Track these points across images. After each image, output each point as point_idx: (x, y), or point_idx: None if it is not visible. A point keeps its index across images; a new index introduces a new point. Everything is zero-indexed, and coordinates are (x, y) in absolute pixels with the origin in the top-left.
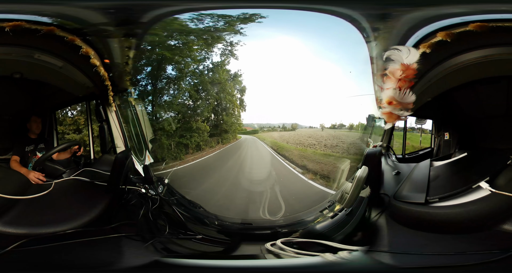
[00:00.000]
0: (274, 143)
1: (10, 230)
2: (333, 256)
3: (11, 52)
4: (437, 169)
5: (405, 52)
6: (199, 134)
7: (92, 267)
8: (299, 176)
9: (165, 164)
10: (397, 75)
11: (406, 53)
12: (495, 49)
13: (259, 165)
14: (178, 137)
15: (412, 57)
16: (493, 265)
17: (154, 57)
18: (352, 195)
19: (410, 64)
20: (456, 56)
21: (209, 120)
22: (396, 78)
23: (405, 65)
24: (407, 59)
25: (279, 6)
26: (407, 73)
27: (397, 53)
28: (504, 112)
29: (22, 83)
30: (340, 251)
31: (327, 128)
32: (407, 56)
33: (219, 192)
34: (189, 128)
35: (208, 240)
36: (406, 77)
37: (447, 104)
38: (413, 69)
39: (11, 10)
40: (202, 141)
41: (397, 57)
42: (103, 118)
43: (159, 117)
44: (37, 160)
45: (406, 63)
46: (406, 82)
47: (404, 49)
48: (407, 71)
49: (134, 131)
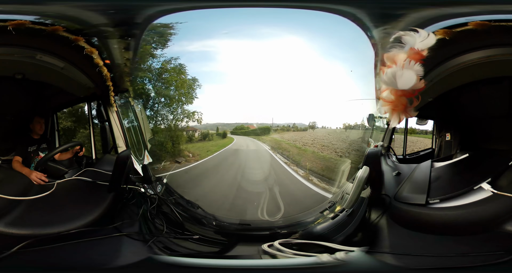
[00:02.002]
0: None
1: (14, 231)
2: (332, 257)
3: (14, 52)
4: (438, 170)
5: (423, 35)
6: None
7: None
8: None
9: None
10: (401, 59)
11: (423, 37)
12: (498, 50)
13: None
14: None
15: (428, 41)
16: (495, 267)
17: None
18: (353, 195)
19: (421, 49)
20: (458, 56)
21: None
22: (398, 63)
23: (414, 49)
24: (421, 43)
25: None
26: (413, 58)
27: (412, 35)
28: (506, 112)
29: (24, 83)
30: (339, 252)
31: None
32: (422, 40)
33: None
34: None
35: (205, 240)
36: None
37: (449, 104)
38: (421, 54)
39: (12, 11)
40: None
41: (410, 39)
42: (105, 119)
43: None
44: (39, 160)
45: (418, 47)
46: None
47: (422, 32)
48: (414, 56)
49: (134, 131)
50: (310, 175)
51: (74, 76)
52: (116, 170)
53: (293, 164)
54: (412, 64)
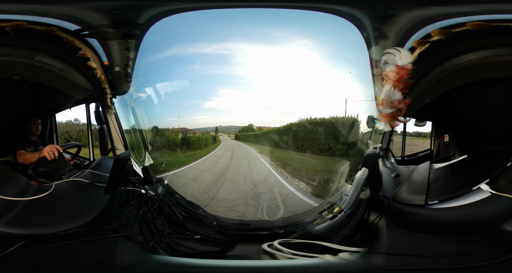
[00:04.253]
0: None
1: (12, 231)
2: (331, 257)
3: (12, 53)
4: (437, 171)
5: (397, 54)
6: None
7: (93, 266)
8: None
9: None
10: (392, 77)
11: (398, 55)
12: (496, 50)
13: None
14: None
15: (405, 59)
16: (494, 267)
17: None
18: (352, 196)
19: (404, 65)
20: (456, 57)
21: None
22: (391, 79)
23: (399, 66)
24: (400, 60)
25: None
26: (401, 74)
27: (391, 56)
28: (504, 113)
29: (22, 84)
30: (338, 253)
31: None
32: (400, 58)
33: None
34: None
35: (206, 240)
36: (400, 78)
37: (447, 105)
38: (406, 69)
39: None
40: None
41: (391, 60)
42: (103, 121)
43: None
44: (37, 161)
45: (400, 64)
46: (402, 82)
47: (396, 52)
48: (401, 72)
49: (134, 133)
50: None
51: (73, 77)
52: (114, 172)
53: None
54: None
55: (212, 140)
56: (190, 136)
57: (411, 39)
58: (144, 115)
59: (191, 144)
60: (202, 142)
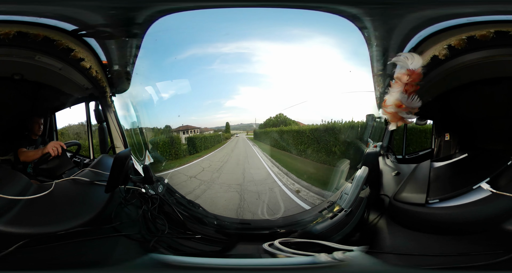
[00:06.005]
0: None
1: (12, 230)
2: (331, 257)
3: (12, 53)
4: (437, 170)
5: (410, 58)
6: None
7: (93, 265)
8: None
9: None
10: (404, 80)
11: (410, 59)
12: (497, 50)
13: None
14: None
15: (416, 63)
16: (495, 266)
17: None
18: (352, 195)
19: (415, 69)
20: (458, 57)
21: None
22: (403, 82)
23: (410, 70)
24: (412, 65)
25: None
26: (413, 78)
27: (402, 59)
28: (505, 113)
29: (22, 84)
30: (338, 252)
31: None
32: (411, 62)
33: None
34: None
35: (206, 240)
36: (413, 81)
37: (448, 104)
38: (418, 73)
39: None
40: None
41: (403, 63)
42: (103, 119)
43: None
44: (37, 160)
45: (412, 68)
46: (413, 86)
47: (409, 56)
48: (413, 76)
49: (134, 131)
50: None
51: (72, 76)
52: (113, 170)
53: None
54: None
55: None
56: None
57: (413, 39)
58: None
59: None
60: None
